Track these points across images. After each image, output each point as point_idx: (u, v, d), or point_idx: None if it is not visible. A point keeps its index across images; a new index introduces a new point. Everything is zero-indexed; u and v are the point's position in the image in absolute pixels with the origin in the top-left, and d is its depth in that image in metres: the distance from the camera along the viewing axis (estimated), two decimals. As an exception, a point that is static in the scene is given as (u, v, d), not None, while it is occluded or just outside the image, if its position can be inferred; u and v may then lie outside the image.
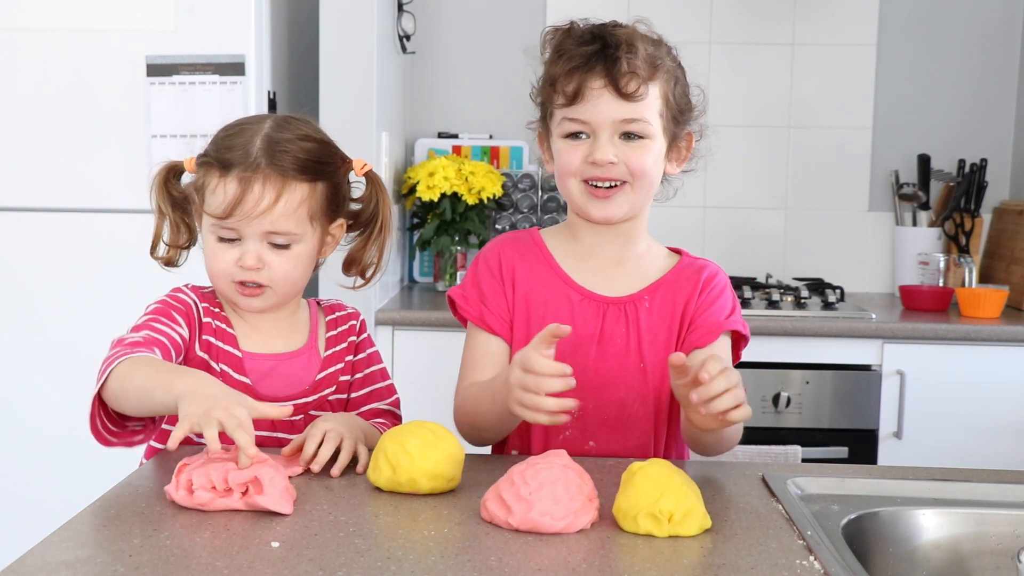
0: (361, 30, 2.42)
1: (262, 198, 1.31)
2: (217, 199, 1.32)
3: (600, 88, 1.33)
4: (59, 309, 2.31)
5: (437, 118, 3.04)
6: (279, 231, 1.34)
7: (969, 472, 1.34)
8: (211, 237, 1.36)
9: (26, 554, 0.97)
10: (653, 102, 1.35)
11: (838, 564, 0.99)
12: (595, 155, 1.34)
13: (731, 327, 1.43)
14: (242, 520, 1.08)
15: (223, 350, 1.39)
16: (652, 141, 1.36)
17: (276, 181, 1.32)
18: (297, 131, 1.36)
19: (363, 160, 1.45)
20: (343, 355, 1.46)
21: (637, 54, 1.33)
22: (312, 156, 1.36)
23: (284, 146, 1.34)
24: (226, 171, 1.32)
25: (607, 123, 1.34)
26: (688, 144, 1.44)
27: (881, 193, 3.04)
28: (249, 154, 1.32)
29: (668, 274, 1.44)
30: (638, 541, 1.05)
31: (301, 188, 1.34)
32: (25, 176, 2.31)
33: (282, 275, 1.36)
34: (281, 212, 1.33)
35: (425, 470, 1.17)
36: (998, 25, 3.00)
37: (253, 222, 1.32)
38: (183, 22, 2.26)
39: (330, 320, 1.48)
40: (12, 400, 2.36)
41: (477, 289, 1.45)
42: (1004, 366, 2.47)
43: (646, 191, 1.39)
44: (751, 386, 2.44)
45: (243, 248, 1.34)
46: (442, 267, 2.83)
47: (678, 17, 2.96)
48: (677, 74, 1.40)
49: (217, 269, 1.36)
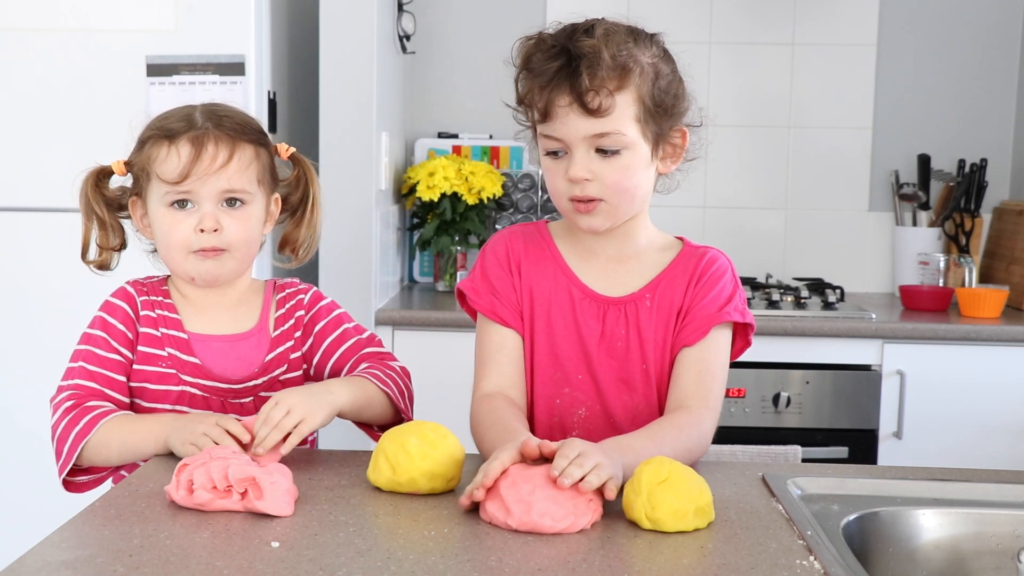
0: (361, 30, 2.42)
1: (217, 155, 1.36)
2: (171, 164, 1.36)
3: (567, 106, 1.30)
4: (59, 309, 2.31)
5: (437, 118, 3.04)
6: (235, 188, 1.37)
7: (969, 472, 1.34)
8: (164, 210, 1.38)
9: (26, 554, 0.97)
10: (625, 110, 1.30)
11: (838, 564, 0.99)
12: (570, 172, 1.32)
13: (724, 319, 1.37)
14: (242, 520, 1.08)
15: (167, 335, 1.40)
16: (630, 151, 1.32)
17: (226, 141, 1.37)
18: (227, 106, 1.43)
19: (286, 144, 1.49)
20: (291, 333, 1.47)
21: (601, 65, 1.28)
22: (250, 122, 1.42)
23: (224, 113, 1.40)
24: (175, 138, 1.36)
25: (578, 139, 1.31)
26: (682, 139, 1.38)
27: (881, 193, 3.04)
28: (194, 120, 1.38)
29: (668, 267, 1.41)
30: (638, 541, 1.05)
31: (249, 148, 1.39)
32: (25, 176, 2.31)
33: (239, 237, 1.39)
34: (235, 169, 1.37)
35: (425, 470, 1.17)
36: (998, 25, 3.00)
37: (210, 180, 1.36)
38: (183, 22, 2.26)
39: (280, 299, 1.49)
40: (12, 400, 2.36)
41: (487, 281, 1.43)
42: (1004, 366, 2.47)
43: (627, 204, 1.35)
44: (751, 386, 2.45)
45: (199, 212, 1.37)
46: (442, 267, 2.83)
47: (678, 17, 2.96)
48: (658, 68, 1.33)
49: (175, 240, 1.38)
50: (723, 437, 2.46)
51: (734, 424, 2.45)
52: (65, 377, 1.38)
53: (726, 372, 1.40)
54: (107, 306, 1.42)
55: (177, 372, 1.39)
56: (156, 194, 1.38)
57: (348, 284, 2.42)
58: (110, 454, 1.32)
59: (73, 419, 1.32)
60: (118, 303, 1.41)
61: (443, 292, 2.78)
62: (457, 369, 1.46)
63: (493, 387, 1.39)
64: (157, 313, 1.41)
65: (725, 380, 1.40)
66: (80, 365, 1.38)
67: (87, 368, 1.37)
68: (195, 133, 1.36)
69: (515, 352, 1.41)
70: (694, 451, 1.31)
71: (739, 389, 2.44)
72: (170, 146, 1.36)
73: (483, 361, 1.42)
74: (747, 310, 1.41)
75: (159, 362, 1.40)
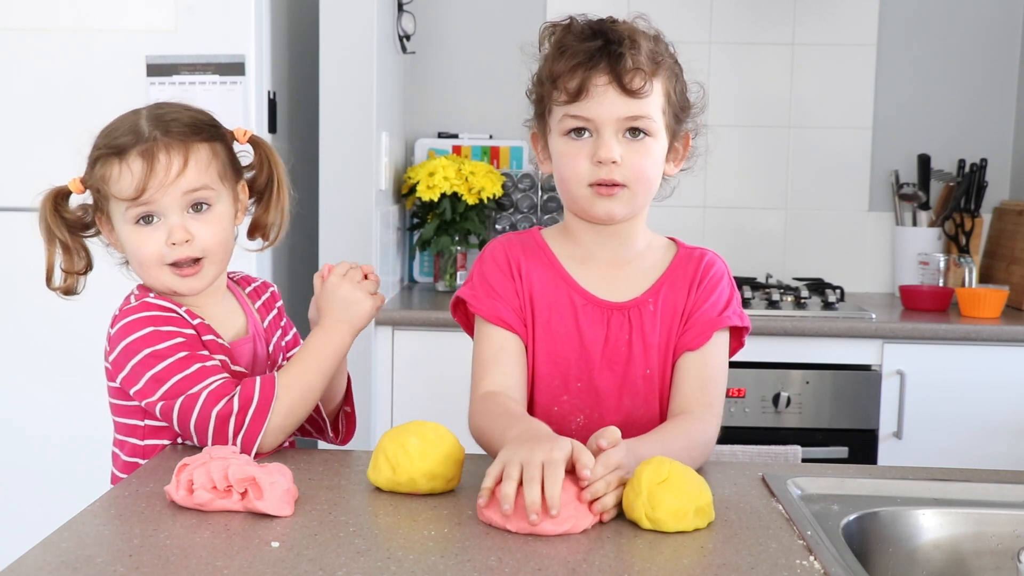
0: (361, 30, 2.42)
1: (171, 164, 1.31)
2: (125, 181, 1.30)
3: (604, 85, 1.30)
4: (59, 309, 2.30)
5: (437, 118, 3.04)
6: (196, 189, 1.32)
7: (969, 472, 1.34)
8: (129, 227, 1.33)
9: (26, 554, 0.97)
10: (656, 99, 1.33)
11: (838, 564, 0.99)
12: (600, 153, 1.31)
13: (726, 323, 1.39)
14: (242, 520, 1.08)
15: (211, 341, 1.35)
16: (654, 140, 1.34)
17: (178, 147, 1.32)
18: (174, 106, 1.37)
19: (243, 127, 1.44)
20: (277, 323, 1.49)
21: (640, 50, 1.31)
22: (199, 118, 1.36)
23: (170, 115, 1.34)
24: (124, 154, 1.31)
25: (611, 120, 1.31)
26: (685, 144, 1.41)
27: (881, 193, 3.04)
28: (141, 131, 1.32)
29: (668, 270, 1.41)
30: (638, 541, 1.05)
31: (203, 148, 1.34)
32: (25, 176, 2.30)
33: (213, 241, 1.34)
34: (194, 173, 1.32)
35: (425, 470, 1.17)
36: (998, 25, 3.00)
37: (169, 190, 1.31)
38: (183, 22, 2.26)
39: (250, 292, 1.49)
40: (12, 399, 2.36)
41: (487, 285, 1.40)
42: (1004, 366, 2.47)
43: (645, 195, 1.36)
44: (751, 386, 2.45)
45: (167, 225, 1.32)
46: (442, 267, 2.83)
47: (678, 17, 2.96)
48: (676, 71, 1.38)
49: (146, 256, 1.33)
50: (723, 437, 2.45)
51: (734, 424, 2.44)
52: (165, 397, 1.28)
53: (727, 376, 1.40)
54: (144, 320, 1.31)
55: None
56: (118, 212, 1.33)
57: (348, 284, 2.42)
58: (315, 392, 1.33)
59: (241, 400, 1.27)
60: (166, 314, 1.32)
61: (443, 292, 2.78)
62: (457, 369, 1.45)
63: (495, 387, 1.36)
64: (196, 321, 1.35)
65: (726, 384, 1.40)
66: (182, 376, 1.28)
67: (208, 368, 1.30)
68: (144, 146, 1.30)
69: (517, 355, 1.38)
70: (699, 458, 1.31)
71: (739, 389, 2.44)
72: (120, 163, 1.30)
73: (483, 364, 1.39)
74: (744, 312, 1.43)
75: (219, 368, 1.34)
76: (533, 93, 1.40)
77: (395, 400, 2.45)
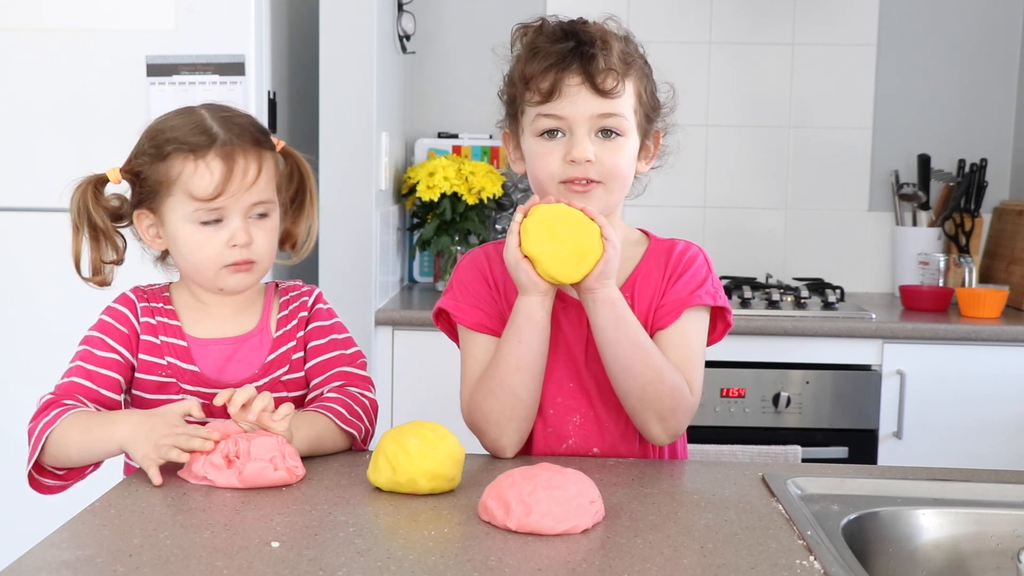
0: (361, 30, 2.42)
1: (247, 169, 1.32)
2: (204, 180, 1.31)
3: (577, 85, 1.32)
4: (59, 310, 2.31)
5: (437, 118, 3.04)
6: (263, 200, 1.35)
7: (969, 472, 1.34)
8: (191, 226, 1.33)
9: (26, 554, 0.97)
10: (628, 99, 1.35)
11: (838, 564, 0.99)
12: (574, 152, 1.32)
13: (696, 302, 1.37)
14: (242, 520, 1.08)
15: (167, 343, 1.38)
16: (627, 139, 1.35)
17: (252, 152, 1.33)
18: (232, 109, 1.38)
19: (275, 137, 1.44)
20: (294, 333, 1.44)
21: (612, 51, 1.33)
22: (261, 126, 1.38)
23: (236, 120, 1.35)
24: (202, 153, 1.31)
25: (584, 119, 1.32)
26: (656, 142, 1.43)
27: (881, 193, 3.04)
28: (212, 131, 1.32)
29: (641, 263, 1.41)
30: (638, 542, 1.05)
31: (269, 156, 1.37)
32: (25, 176, 2.31)
33: (266, 248, 1.37)
34: (264, 180, 1.34)
35: (425, 470, 1.17)
36: (998, 25, 3.00)
37: (243, 196, 1.32)
38: (183, 22, 2.26)
39: (283, 301, 1.46)
40: (12, 399, 2.36)
41: (468, 295, 1.42)
42: (1004, 366, 2.47)
43: (619, 191, 1.37)
44: (751, 386, 2.45)
45: (230, 227, 1.33)
46: (442, 267, 2.83)
47: (678, 17, 2.95)
48: (647, 71, 1.40)
49: (205, 257, 1.34)
50: (723, 437, 2.48)
51: (734, 424, 2.45)
52: (62, 376, 1.37)
53: (703, 357, 1.40)
54: (108, 310, 1.41)
55: (177, 381, 1.37)
56: (182, 210, 1.33)
57: (348, 284, 2.42)
58: (70, 452, 1.29)
59: (44, 414, 1.31)
60: (119, 307, 1.40)
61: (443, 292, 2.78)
62: (457, 369, 1.45)
63: None
64: (157, 320, 1.39)
65: (703, 365, 1.40)
66: (77, 364, 1.37)
67: (84, 367, 1.36)
68: (224, 148, 1.31)
69: None
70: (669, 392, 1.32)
71: (739, 389, 2.44)
72: (197, 161, 1.31)
73: (471, 374, 1.39)
74: (721, 294, 1.41)
75: (159, 371, 1.38)
76: (505, 94, 1.42)
77: (395, 400, 2.45)
